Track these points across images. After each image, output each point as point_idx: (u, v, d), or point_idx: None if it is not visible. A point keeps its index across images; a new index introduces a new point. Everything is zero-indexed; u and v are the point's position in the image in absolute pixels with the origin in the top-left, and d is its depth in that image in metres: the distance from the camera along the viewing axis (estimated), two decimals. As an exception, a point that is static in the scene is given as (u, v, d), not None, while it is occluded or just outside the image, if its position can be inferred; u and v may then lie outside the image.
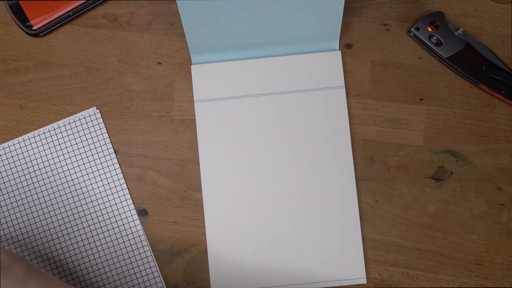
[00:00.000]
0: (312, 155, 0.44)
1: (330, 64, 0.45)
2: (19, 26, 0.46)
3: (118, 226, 0.45)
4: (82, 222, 0.45)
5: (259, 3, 0.41)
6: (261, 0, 0.41)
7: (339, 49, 0.46)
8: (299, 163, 0.44)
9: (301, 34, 0.44)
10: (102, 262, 0.44)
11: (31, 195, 0.45)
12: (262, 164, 0.44)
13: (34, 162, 0.45)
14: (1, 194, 0.45)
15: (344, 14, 0.46)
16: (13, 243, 0.45)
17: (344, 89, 0.45)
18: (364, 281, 0.43)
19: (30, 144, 0.45)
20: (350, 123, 0.45)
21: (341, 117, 0.45)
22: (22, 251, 0.44)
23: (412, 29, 0.46)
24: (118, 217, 0.45)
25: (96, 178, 0.45)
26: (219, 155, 0.45)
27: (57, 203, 0.45)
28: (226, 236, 0.44)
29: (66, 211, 0.45)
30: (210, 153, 0.45)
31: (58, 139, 0.45)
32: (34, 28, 0.45)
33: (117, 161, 0.45)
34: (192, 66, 0.45)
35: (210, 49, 0.45)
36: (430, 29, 0.45)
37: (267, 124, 0.45)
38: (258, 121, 0.45)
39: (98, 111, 0.46)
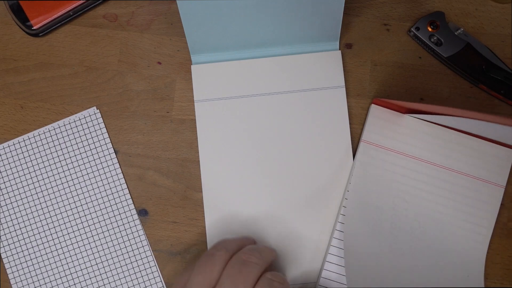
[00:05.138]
0: (313, 154, 0.44)
1: (330, 64, 0.45)
2: (19, 26, 0.46)
3: (118, 226, 0.45)
4: (82, 222, 0.45)
5: (259, 3, 0.41)
6: (261, 0, 0.41)
7: (339, 49, 0.46)
8: (299, 163, 0.44)
9: (301, 34, 0.44)
10: (102, 262, 0.44)
11: (31, 195, 0.45)
12: (262, 164, 0.44)
13: (34, 162, 0.45)
14: (1, 194, 0.45)
15: (344, 14, 0.46)
16: (13, 243, 0.45)
17: (344, 88, 0.45)
18: None
19: (30, 144, 0.45)
20: (350, 123, 0.45)
21: (341, 117, 0.45)
22: (22, 251, 0.44)
23: (412, 29, 0.46)
24: (118, 217, 0.45)
25: (96, 178, 0.45)
26: (220, 155, 0.45)
27: (57, 203, 0.45)
28: (226, 236, 0.44)
29: (66, 211, 0.45)
30: (211, 153, 0.45)
31: (58, 139, 0.45)
32: (34, 28, 0.45)
33: (117, 161, 0.45)
34: (192, 66, 0.45)
35: (210, 49, 0.45)
36: (430, 29, 0.45)
37: (267, 124, 0.45)
38: (258, 121, 0.45)
39: (98, 111, 0.46)
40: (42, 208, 0.45)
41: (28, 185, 0.45)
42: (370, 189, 0.43)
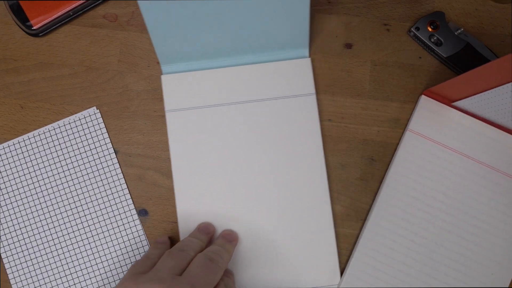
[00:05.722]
0: (285, 162, 0.44)
1: (300, 72, 0.45)
2: (19, 26, 0.46)
3: (118, 226, 0.45)
4: (82, 222, 0.45)
5: (225, 11, 0.40)
6: (227, 8, 0.40)
7: (309, 56, 0.46)
8: (273, 171, 0.44)
9: (271, 42, 0.44)
10: (102, 262, 0.44)
11: (31, 195, 0.45)
12: (236, 172, 0.44)
13: (34, 162, 0.45)
14: (1, 194, 0.45)
15: (344, 14, 0.46)
16: (13, 243, 0.45)
17: (314, 95, 0.45)
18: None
19: (30, 144, 0.45)
20: (350, 123, 0.45)
21: (313, 124, 0.44)
22: (22, 251, 0.44)
23: (412, 29, 0.46)
24: (118, 217, 0.45)
25: (96, 178, 0.45)
26: (192, 165, 0.44)
27: (57, 203, 0.45)
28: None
29: (66, 211, 0.45)
30: (183, 164, 0.44)
31: (58, 139, 0.45)
32: (34, 28, 0.45)
33: (117, 161, 0.45)
34: (162, 76, 0.45)
35: (180, 59, 0.44)
36: (430, 29, 0.45)
37: (239, 132, 0.44)
38: (230, 129, 0.44)
39: (98, 111, 0.46)
40: (42, 208, 0.45)
41: (28, 185, 0.45)
42: (409, 177, 0.44)
